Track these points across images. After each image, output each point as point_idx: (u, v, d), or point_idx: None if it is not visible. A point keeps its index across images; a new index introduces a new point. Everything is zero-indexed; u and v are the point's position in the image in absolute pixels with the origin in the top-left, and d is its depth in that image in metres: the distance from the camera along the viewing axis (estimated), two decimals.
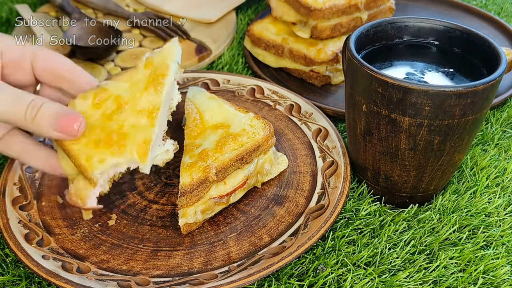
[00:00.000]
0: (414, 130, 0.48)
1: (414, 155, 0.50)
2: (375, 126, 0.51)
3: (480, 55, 0.53)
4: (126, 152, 0.48)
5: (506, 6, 1.00)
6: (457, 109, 0.46)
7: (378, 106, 0.49)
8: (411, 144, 0.50)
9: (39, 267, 0.47)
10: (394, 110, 0.48)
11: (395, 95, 0.47)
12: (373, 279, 0.48)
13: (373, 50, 0.57)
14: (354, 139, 0.56)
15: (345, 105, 0.56)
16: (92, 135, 0.49)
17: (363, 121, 0.52)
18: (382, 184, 0.55)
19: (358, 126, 0.53)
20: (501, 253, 0.51)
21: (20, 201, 0.55)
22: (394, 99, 0.47)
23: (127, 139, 0.49)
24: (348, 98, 0.55)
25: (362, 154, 0.55)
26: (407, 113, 0.48)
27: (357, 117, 0.53)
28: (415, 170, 0.52)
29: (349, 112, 0.55)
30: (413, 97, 0.46)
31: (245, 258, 0.50)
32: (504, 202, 0.56)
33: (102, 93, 0.52)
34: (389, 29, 0.57)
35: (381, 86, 0.48)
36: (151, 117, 0.50)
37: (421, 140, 0.49)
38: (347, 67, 0.54)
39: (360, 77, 0.50)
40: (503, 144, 0.64)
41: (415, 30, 0.57)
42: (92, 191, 0.49)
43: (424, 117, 0.47)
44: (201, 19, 0.90)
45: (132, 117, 0.50)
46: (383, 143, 0.51)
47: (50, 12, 0.93)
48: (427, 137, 0.49)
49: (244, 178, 0.55)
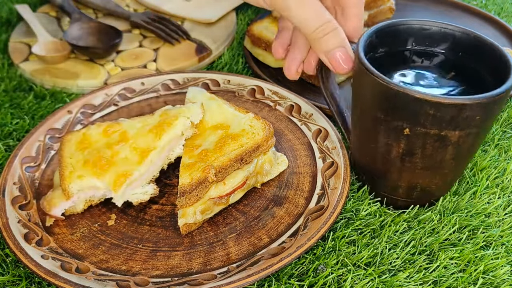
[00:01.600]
0: (462, 141, 0.47)
1: (455, 162, 0.50)
2: (420, 146, 0.48)
3: (487, 62, 0.51)
4: (105, 177, 0.53)
5: (506, 6, 0.99)
6: (496, 112, 0.46)
7: (427, 128, 0.46)
8: (455, 154, 0.48)
9: (38, 267, 0.47)
10: (445, 127, 0.46)
11: (449, 113, 0.44)
12: (373, 280, 0.48)
13: (375, 57, 0.53)
14: (384, 162, 0.52)
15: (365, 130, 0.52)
16: (88, 155, 0.54)
17: (403, 144, 0.49)
18: (415, 195, 0.54)
19: (394, 149, 0.50)
20: (500, 253, 0.51)
21: (20, 200, 0.55)
22: (447, 117, 0.45)
23: (112, 166, 0.53)
24: (376, 123, 0.49)
25: (394, 175, 0.52)
26: (459, 127, 0.46)
27: (393, 142, 0.49)
28: (452, 174, 0.52)
29: (380, 138, 0.50)
30: (467, 111, 0.44)
31: (244, 258, 0.49)
32: (503, 203, 0.56)
33: (115, 126, 0.58)
34: (393, 35, 0.54)
35: (433, 108, 0.44)
36: (142, 156, 0.54)
37: (465, 148, 0.48)
38: (373, 93, 0.48)
39: (401, 103, 0.46)
40: (503, 145, 0.64)
41: (420, 35, 0.54)
42: (63, 202, 0.53)
43: (473, 127, 0.46)
44: (201, 19, 0.90)
45: (127, 151, 0.55)
46: (426, 160, 0.49)
47: (50, 12, 0.93)
48: (471, 144, 0.48)
49: (243, 178, 0.55)
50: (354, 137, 0.57)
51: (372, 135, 0.51)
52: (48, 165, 0.60)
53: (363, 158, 0.56)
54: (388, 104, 0.47)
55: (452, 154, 0.49)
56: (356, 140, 0.56)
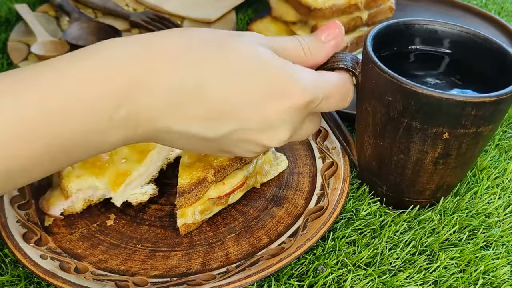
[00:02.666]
0: (491, 134, 0.47)
1: (479, 155, 0.50)
2: (457, 147, 0.47)
3: (493, 62, 0.50)
4: (104, 177, 0.52)
5: (506, 5, 0.99)
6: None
7: (467, 128, 0.45)
8: (483, 146, 0.48)
9: (36, 267, 0.47)
10: (482, 124, 0.45)
11: (489, 110, 0.44)
12: (373, 280, 0.48)
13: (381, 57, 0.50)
14: (415, 171, 0.50)
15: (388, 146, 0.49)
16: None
17: (439, 149, 0.47)
18: (440, 194, 0.53)
19: (429, 156, 0.48)
20: (501, 253, 0.50)
21: (19, 200, 0.55)
22: (487, 114, 0.44)
23: (112, 165, 0.53)
24: (408, 134, 0.47)
25: (424, 179, 0.50)
26: (493, 122, 0.45)
27: (430, 148, 0.47)
28: (473, 165, 0.52)
29: (413, 147, 0.48)
30: (503, 105, 0.44)
31: (243, 259, 0.49)
32: (504, 203, 0.56)
33: None
34: (397, 35, 0.53)
35: (476, 107, 0.43)
36: (142, 155, 0.54)
37: (489, 139, 0.48)
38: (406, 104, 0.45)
39: (443, 108, 0.44)
40: (504, 145, 0.64)
41: (426, 35, 0.53)
42: (61, 202, 0.53)
43: (501, 118, 0.46)
44: (201, 19, 0.90)
45: (127, 151, 0.54)
46: (460, 158, 0.48)
47: (49, 11, 0.93)
48: (492, 134, 0.48)
49: (243, 178, 0.54)
50: (368, 157, 0.53)
51: (402, 147, 0.48)
52: None
53: (385, 172, 0.52)
54: (427, 112, 0.45)
55: (481, 148, 0.48)
56: (373, 159, 0.53)
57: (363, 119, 0.51)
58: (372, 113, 0.49)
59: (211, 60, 0.39)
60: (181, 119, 0.39)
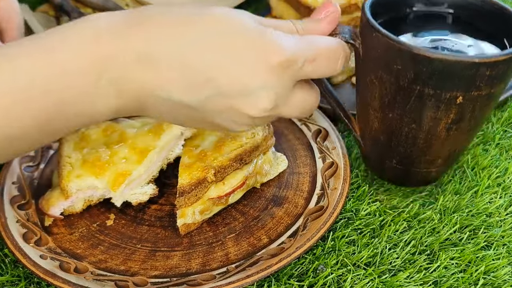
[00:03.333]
0: (501, 93, 0.46)
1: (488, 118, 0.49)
2: (470, 110, 0.45)
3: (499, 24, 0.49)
4: (104, 177, 0.52)
5: None
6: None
7: (481, 90, 0.43)
8: (493, 107, 0.47)
9: (36, 267, 0.47)
10: (496, 84, 0.43)
11: (502, 68, 0.42)
12: (373, 280, 0.48)
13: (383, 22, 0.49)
14: (427, 139, 0.48)
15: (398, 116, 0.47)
16: (87, 155, 0.54)
17: (452, 114, 0.45)
18: (450, 162, 0.52)
19: (442, 122, 0.46)
20: (502, 254, 0.50)
21: (19, 200, 0.55)
22: (500, 73, 0.43)
23: (111, 166, 0.53)
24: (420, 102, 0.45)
25: (436, 148, 0.49)
26: (504, 81, 0.44)
27: (443, 114, 0.45)
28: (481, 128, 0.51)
29: (425, 115, 0.46)
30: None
31: (243, 259, 0.49)
32: (505, 203, 0.56)
33: (114, 126, 0.57)
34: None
35: (490, 68, 0.42)
36: (142, 156, 0.54)
37: (498, 99, 0.48)
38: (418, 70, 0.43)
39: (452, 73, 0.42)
40: (504, 144, 0.64)
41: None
42: (61, 202, 0.53)
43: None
44: None
45: (126, 151, 0.54)
46: (472, 121, 0.47)
47: (49, 11, 0.93)
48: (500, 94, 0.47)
49: (243, 178, 0.54)
50: (374, 131, 0.52)
51: (414, 116, 0.46)
52: (47, 165, 0.60)
53: (395, 145, 0.51)
54: (440, 77, 0.43)
55: (492, 109, 0.48)
56: (380, 133, 0.51)
57: (368, 92, 0.49)
58: (378, 85, 0.46)
59: (188, 24, 0.39)
60: (161, 83, 0.38)
